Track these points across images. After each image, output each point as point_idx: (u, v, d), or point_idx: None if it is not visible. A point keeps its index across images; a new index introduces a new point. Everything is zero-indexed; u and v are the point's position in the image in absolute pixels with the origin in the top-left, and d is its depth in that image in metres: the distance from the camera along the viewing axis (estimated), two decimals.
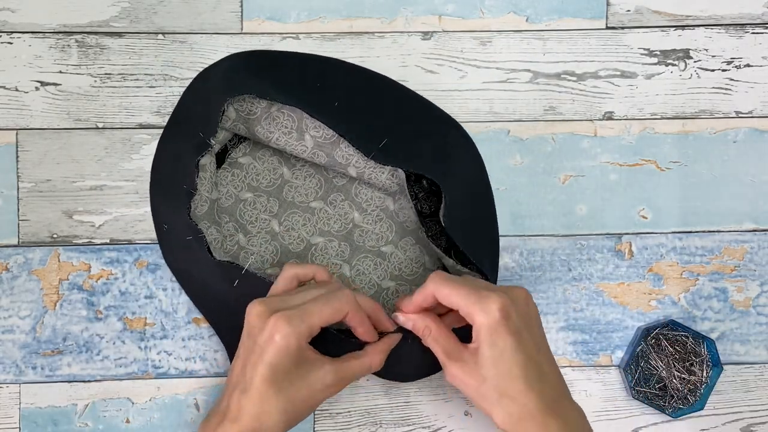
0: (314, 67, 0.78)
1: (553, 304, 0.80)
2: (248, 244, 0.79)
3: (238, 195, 0.79)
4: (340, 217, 0.80)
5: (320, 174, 0.80)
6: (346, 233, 0.80)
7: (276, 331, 0.67)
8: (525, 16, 0.81)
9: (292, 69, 0.77)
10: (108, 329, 0.78)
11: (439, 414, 0.79)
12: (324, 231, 0.80)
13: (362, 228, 0.80)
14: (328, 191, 0.80)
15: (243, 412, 0.67)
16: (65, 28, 0.80)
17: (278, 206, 0.80)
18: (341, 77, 0.78)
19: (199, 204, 0.76)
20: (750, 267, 0.81)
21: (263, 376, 0.66)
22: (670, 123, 0.81)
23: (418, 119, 0.78)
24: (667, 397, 0.78)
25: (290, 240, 0.79)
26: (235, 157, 0.80)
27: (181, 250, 0.76)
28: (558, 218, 0.81)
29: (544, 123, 0.81)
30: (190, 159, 0.75)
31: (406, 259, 0.80)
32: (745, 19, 0.82)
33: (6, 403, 0.78)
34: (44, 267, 0.78)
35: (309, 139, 0.76)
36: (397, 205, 0.80)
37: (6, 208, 0.79)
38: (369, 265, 0.80)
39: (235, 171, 0.80)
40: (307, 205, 0.80)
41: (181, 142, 0.76)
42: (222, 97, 0.74)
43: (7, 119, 0.79)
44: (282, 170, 0.80)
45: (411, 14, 0.81)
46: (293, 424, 0.68)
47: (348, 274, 0.79)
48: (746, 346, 0.81)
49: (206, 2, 0.80)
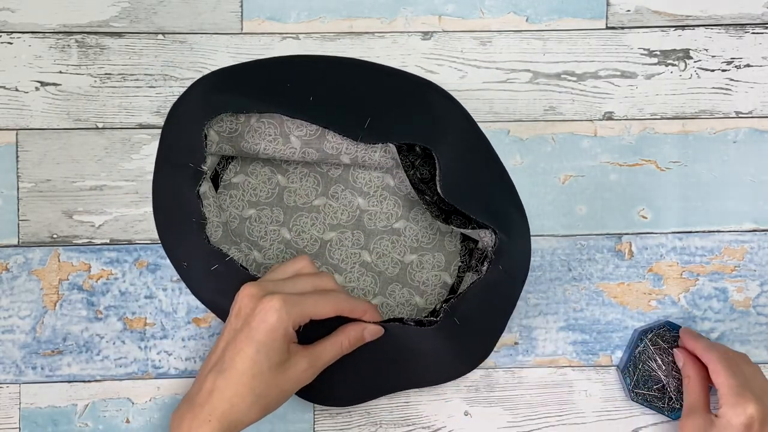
0: (279, 69, 0.77)
1: (553, 304, 0.80)
2: (265, 259, 0.79)
3: (241, 214, 0.79)
4: (345, 207, 0.80)
5: (314, 171, 0.80)
6: (356, 221, 0.80)
7: (270, 309, 0.66)
8: (525, 16, 0.81)
9: (259, 77, 0.77)
10: (108, 329, 0.79)
11: (439, 414, 0.79)
12: (334, 225, 0.80)
13: (369, 211, 0.80)
14: (327, 185, 0.80)
15: (215, 394, 0.66)
16: (65, 28, 0.80)
17: (283, 214, 0.80)
18: (308, 71, 0.77)
19: (212, 231, 0.75)
20: (750, 267, 0.81)
21: (247, 356, 0.65)
22: (670, 123, 0.81)
23: (394, 90, 0.78)
24: (666, 399, 0.78)
25: (304, 243, 0.79)
26: (228, 179, 0.79)
27: (210, 280, 0.74)
28: (558, 218, 0.81)
29: (544, 123, 0.81)
30: (189, 191, 0.73)
31: (421, 229, 0.80)
32: (745, 19, 0.82)
33: (6, 403, 0.78)
34: (44, 267, 0.78)
35: (295, 140, 0.76)
36: (397, 180, 0.80)
37: (6, 208, 0.79)
38: (387, 245, 0.80)
39: (232, 192, 0.79)
40: (310, 204, 0.80)
41: (176, 177, 0.75)
42: (200, 122, 0.73)
43: (7, 119, 0.79)
44: (276, 178, 0.80)
45: (411, 14, 0.81)
46: (264, 413, 0.67)
47: (369, 259, 0.79)
48: (746, 346, 0.81)
49: (206, 2, 0.80)
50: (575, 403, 0.80)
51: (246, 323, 0.67)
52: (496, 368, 0.80)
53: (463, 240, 0.80)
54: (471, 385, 0.80)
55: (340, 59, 0.79)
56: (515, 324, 0.80)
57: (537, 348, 0.80)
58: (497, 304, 0.75)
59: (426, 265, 0.79)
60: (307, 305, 0.68)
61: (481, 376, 0.80)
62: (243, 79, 0.76)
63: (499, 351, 0.80)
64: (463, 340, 0.74)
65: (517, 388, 0.80)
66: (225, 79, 0.77)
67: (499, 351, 0.80)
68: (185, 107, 0.76)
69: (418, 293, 0.79)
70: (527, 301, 0.80)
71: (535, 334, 0.80)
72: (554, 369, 0.80)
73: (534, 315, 0.80)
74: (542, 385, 0.80)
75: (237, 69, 0.78)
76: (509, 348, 0.80)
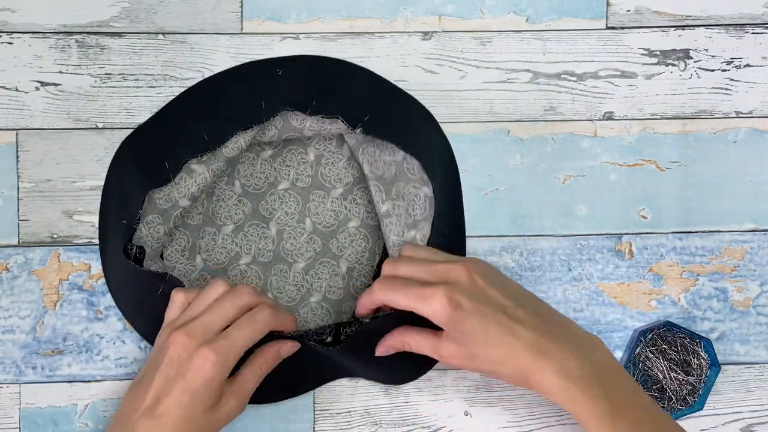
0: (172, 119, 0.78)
1: (553, 304, 0.80)
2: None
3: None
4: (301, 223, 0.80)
5: (251, 202, 0.80)
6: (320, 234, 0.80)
7: (206, 363, 0.67)
8: (525, 16, 0.81)
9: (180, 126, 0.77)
10: (108, 329, 0.79)
11: (439, 414, 0.79)
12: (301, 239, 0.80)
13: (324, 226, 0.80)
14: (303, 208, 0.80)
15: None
16: (65, 28, 0.80)
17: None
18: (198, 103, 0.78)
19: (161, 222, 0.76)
20: (750, 267, 0.81)
21: (182, 403, 0.67)
22: (670, 123, 0.81)
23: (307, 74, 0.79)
24: (666, 399, 0.78)
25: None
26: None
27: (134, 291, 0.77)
28: (558, 218, 0.81)
29: (544, 123, 0.81)
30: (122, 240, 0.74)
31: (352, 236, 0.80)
32: (745, 19, 0.82)
33: (6, 403, 0.78)
34: (44, 267, 0.78)
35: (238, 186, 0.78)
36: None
37: (6, 208, 0.79)
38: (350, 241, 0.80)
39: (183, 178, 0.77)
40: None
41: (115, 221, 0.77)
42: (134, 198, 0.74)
43: (7, 119, 0.79)
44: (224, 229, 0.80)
45: (411, 14, 0.81)
46: None
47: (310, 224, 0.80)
48: (746, 346, 0.81)
49: (206, 2, 0.80)
50: None
51: (180, 374, 0.67)
52: None
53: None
54: (471, 385, 0.80)
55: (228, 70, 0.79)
56: None
57: None
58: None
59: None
60: (238, 345, 0.69)
61: (481, 376, 0.80)
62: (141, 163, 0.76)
63: None
64: (371, 364, 0.75)
65: (517, 388, 0.80)
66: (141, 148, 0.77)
67: None
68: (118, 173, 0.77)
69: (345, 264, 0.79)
70: None
71: None
72: None
73: None
74: None
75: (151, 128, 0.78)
76: None
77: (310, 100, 0.74)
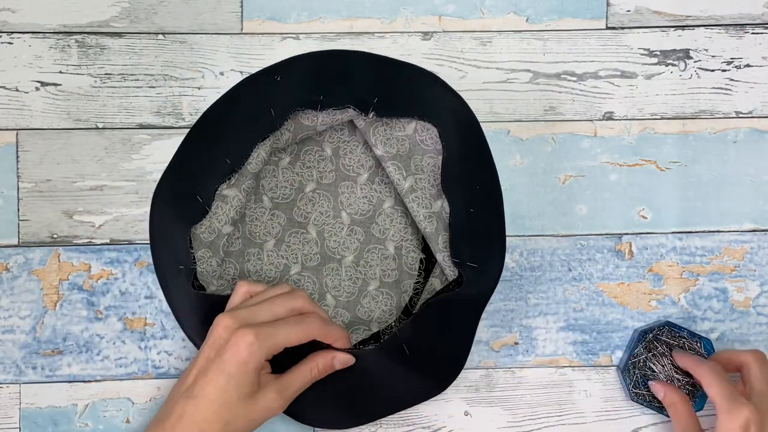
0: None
1: (553, 304, 0.80)
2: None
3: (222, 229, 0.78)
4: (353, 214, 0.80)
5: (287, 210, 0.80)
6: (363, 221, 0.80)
7: (242, 343, 0.67)
8: (525, 16, 0.81)
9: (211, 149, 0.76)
10: (108, 329, 0.79)
11: (439, 414, 0.79)
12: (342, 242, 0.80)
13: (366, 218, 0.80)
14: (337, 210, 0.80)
15: (184, 419, 0.67)
16: (65, 28, 0.80)
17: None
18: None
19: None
20: (750, 267, 0.81)
21: (218, 385, 0.67)
22: (670, 123, 0.81)
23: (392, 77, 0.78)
24: None
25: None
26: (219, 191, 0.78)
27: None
28: (558, 218, 0.81)
29: (544, 123, 0.81)
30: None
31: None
32: (745, 19, 0.82)
33: (6, 403, 0.78)
34: (44, 267, 0.78)
35: (267, 201, 0.78)
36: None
37: (6, 208, 0.79)
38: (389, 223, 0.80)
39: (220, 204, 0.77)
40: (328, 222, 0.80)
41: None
42: (181, 232, 0.74)
43: (7, 119, 0.79)
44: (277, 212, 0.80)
45: (411, 14, 0.81)
46: None
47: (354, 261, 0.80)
48: (746, 346, 0.81)
49: (206, 2, 0.80)
50: (575, 403, 0.80)
51: (219, 354, 0.68)
52: (496, 368, 0.80)
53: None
54: (471, 385, 0.80)
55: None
56: (515, 324, 0.80)
57: (537, 348, 0.80)
58: (457, 323, 0.75)
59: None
60: (280, 336, 0.68)
61: (481, 376, 0.80)
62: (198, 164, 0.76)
63: (500, 351, 0.80)
64: (420, 363, 0.74)
65: (517, 388, 0.80)
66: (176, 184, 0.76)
67: (500, 351, 0.80)
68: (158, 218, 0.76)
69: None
70: (527, 301, 0.80)
71: (535, 334, 0.80)
72: (554, 369, 0.80)
73: (534, 315, 0.80)
74: (542, 385, 0.80)
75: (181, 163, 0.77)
76: (509, 348, 0.80)
77: (318, 95, 0.74)
